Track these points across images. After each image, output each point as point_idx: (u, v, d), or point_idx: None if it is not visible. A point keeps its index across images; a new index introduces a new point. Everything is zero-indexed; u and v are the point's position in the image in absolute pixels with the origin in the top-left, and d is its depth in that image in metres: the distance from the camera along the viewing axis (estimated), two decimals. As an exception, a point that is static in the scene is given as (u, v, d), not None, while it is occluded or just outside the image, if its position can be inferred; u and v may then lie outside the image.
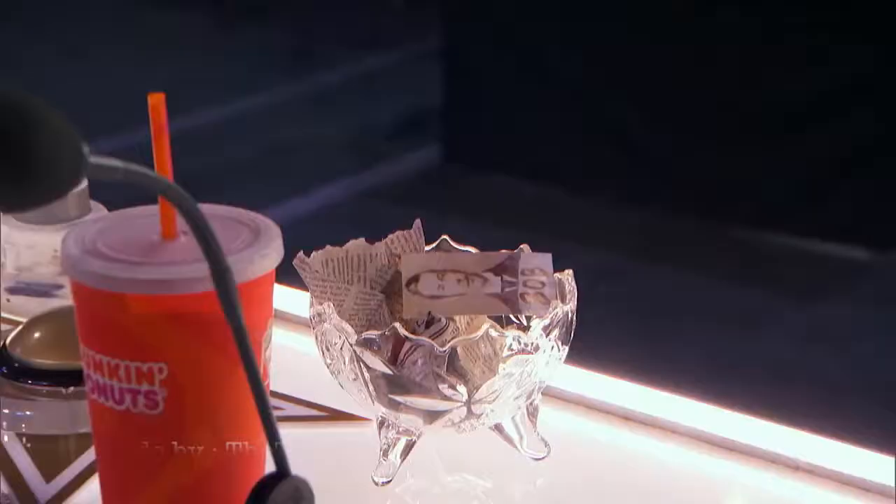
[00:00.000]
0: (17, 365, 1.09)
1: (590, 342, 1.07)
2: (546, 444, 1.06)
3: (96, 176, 0.71)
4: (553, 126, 3.71)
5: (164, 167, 0.88)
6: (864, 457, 1.08)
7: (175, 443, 0.88)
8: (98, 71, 3.88)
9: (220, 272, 0.76)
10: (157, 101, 0.87)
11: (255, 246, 0.87)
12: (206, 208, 0.77)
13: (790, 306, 3.30)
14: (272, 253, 0.88)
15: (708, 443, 1.11)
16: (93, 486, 1.02)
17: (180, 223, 0.88)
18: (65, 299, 1.18)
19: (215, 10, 4.60)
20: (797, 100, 3.55)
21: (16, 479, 1.03)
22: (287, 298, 1.09)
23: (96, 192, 1.28)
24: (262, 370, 0.82)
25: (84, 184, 1.15)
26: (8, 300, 1.19)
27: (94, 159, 0.70)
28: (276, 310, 0.96)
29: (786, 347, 2.98)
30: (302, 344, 1.08)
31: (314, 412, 1.09)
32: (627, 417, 1.14)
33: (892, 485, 1.00)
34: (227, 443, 0.89)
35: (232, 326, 0.77)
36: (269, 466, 0.78)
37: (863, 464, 1.06)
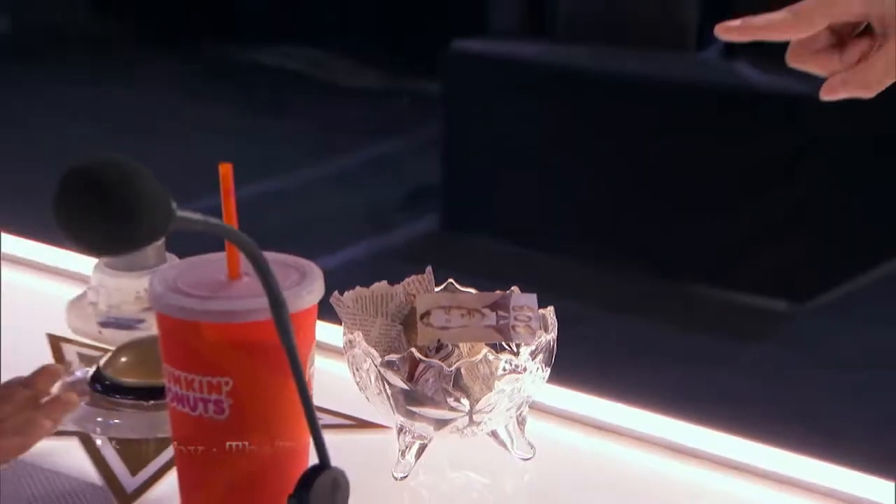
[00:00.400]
0: (108, 383, 1.09)
1: (566, 367, 1.08)
2: (532, 447, 1.06)
3: (182, 226, 0.72)
4: (530, 201, 3.71)
5: (231, 221, 0.88)
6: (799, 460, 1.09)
7: (236, 442, 0.89)
8: (165, 149, 3.90)
9: (277, 305, 0.76)
10: (226, 170, 0.88)
11: (303, 284, 0.88)
12: (265, 254, 0.78)
13: (728, 346, 3.30)
14: (316, 290, 0.90)
15: (662, 446, 1.11)
16: (168, 478, 1.02)
17: (243, 266, 0.89)
18: (145, 331, 1.18)
19: (259, 106, 4.61)
20: (732, 179, 3.56)
21: (108, 474, 1.03)
22: (323, 331, 1.10)
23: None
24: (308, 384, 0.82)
25: (161, 239, 1.16)
26: (100, 332, 1.19)
27: (180, 213, 0.71)
28: (316, 339, 0.96)
29: (727, 377, 2.98)
30: (335, 367, 1.07)
31: (346, 421, 1.09)
32: (599, 427, 1.13)
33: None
34: (278, 442, 0.89)
35: (285, 348, 0.78)
36: (310, 462, 0.78)
37: (796, 465, 1.07)
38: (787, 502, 1.07)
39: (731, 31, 1.00)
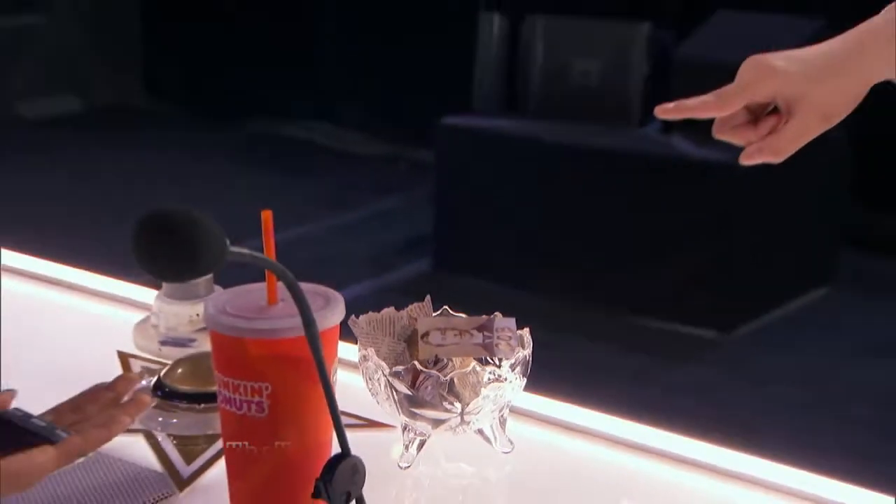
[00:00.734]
0: (167, 390, 1.09)
1: (538, 378, 1.08)
2: (511, 443, 1.06)
3: (233, 259, 0.73)
4: (506, 247, 3.70)
5: (270, 256, 0.87)
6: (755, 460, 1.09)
7: (273, 437, 0.89)
8: (213, 203, 3.86)
9: (309, 324, 0.77)
10: (267, 216, 0.89)
11: (328, 308, 0.89)
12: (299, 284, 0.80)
13: (663, 367, 3.30)
14: (339, 313, 0.90)
15: (614, 442, 1.11)
16: (217, 467, 1.02)
17: (279, 293, 0.89)
18: (196, 348, 1.19)
19: (288, 169, 4.60)
20: (671, 231, 3.55)
21: (167, 463, 1.04)
22: (341, 348, 1.10)
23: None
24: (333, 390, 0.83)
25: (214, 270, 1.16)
26: (160, 349, 1.20)
27: (232, 248, 0.73)
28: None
29: (666, 388, 2.97)
30: (351, 378, 1.08)
31: (360, 421, 1.09)
32: (565, 426, 1.13)
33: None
34: (308, 436, 0.89)
35: (314, 359, 0.79)
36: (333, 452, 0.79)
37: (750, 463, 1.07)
38: (713, 486, 1.06)
39: (668, 111, 1.01)
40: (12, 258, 1.49)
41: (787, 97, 1.00)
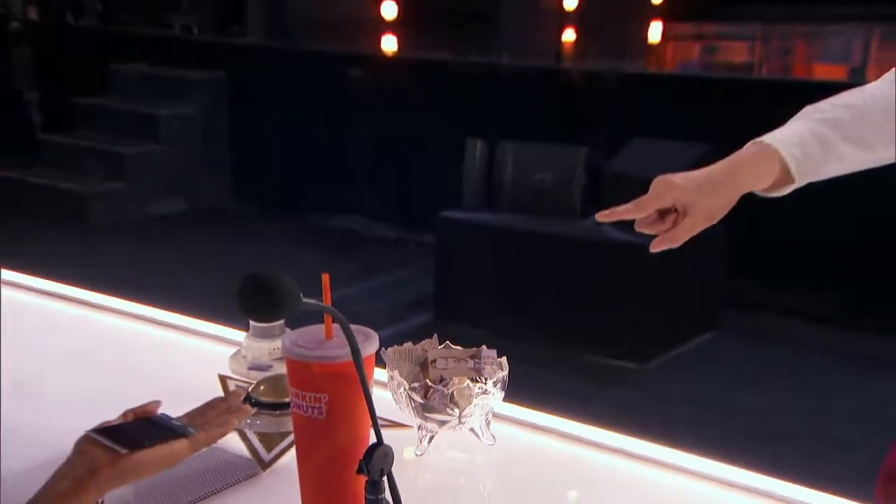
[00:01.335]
0: (253, 401, 1.09)
1: (513, 393, 1.08)
2: (494, 437, 1.06)
3: (305, 307, 0.75)
4: (489, 305, 3.71)
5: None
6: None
7: (329, 432, 0.88)
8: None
9: (355, 352, 0.78)
10: (326, 278, 0.89)
11: (367, 342, 0.88)
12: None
13: (590, 392, 3.27)
14: (374, 345, 0.90)
15: (567, 438, 1.12)
16: (288, 455, 1.03)
17: (333, 330, 0.89)
18: (273, 372, 1.17)
19: (333, 249, 4.60)
20: (602, 292, 3.57)
21: (254, 451, 1.04)
22: (375, 372, 1.10)
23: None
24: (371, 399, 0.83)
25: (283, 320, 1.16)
26: (249, 372, 1.19)
27: (305, 300, 0.74)
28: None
29: (596, 406, 2.96)
30: (382, 392, 1.07)
31: (388, 422, 1.08)
32: (533, 427, 1.14)
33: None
34: (353, 430, 0.88)
35: (359, 377, 0.80)
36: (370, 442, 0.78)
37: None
38: (633, 468, 1.06)
39: (605, 216, 1.02)
40: (145, 310, 1.49)
41: (683, 204, 1.02)
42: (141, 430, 0.86)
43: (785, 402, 3.13)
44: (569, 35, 6.72)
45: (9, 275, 1.61)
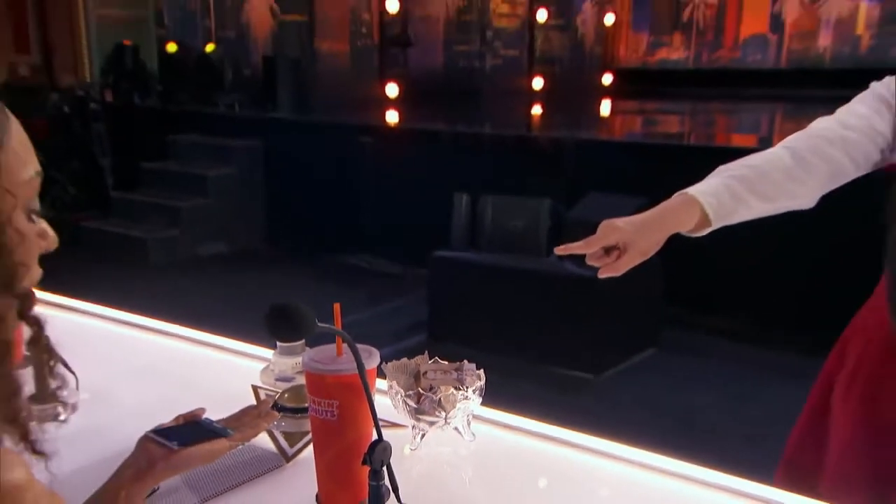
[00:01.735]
0: (279, 406, 1.08)
1: (489, 399, 1.08)
2: (474, 435, 1.06)
3: (319, 331, 0.76)
4: (473, 326, 3.65)
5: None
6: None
7: (340, 431, 0.87)
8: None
9: (360, 366, 0.78)
10: (337, 307, 0.89)
11: (370, 358, 0.88)
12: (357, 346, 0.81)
13: (553, 398, 3.24)
14: (376, 360, 0.90)
15: (533, 434, 1.11)
16: (307, 450, 1.02)
17: (344, 349, 0.88)
18: (295, 382, 1.16)
19: (347, 282, 4.60)
20: (562, 315, 3.57)
21: (279, 447, 1.03)
22: (377, 382, 1.10)
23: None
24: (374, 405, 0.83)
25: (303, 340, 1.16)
26: (276, 383, 1.18)
27: (319, 324, 0.75)
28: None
29: (556, 411, 2.92)
30: (382, 398, 1.04)
31: (387, 423, 1.05)
32: (506, 426, 1.13)
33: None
34: (359, 429, 0.87)
35: (364, 387, 0.80)
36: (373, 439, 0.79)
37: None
38: (590, 461, 1.05)
39: (561, 250, 1.04)
40: (193, 333, 1.48)
41: (623, 242, 1.04)
42: (189, 431, 0.86)
43: (711, 404, 3.11)
44: (537, 109, 6.80)
45: (86, 305, 1.61)
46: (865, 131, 1.04)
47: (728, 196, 1.04)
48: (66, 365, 1.12)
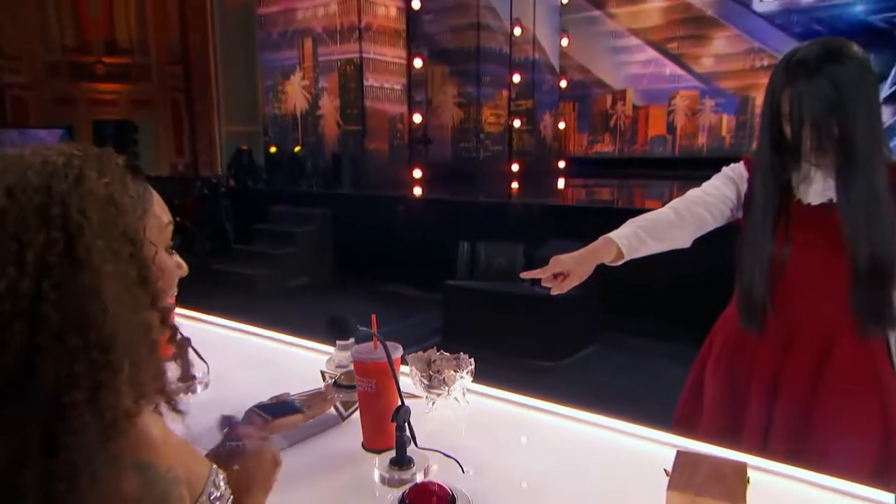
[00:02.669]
0: (338, 384, 1.03)
1: (478, 378, 1.07)
2: (468, 402, 1.04)
3: (363, 334, 0.75)
4: (472, 333, 3.62)
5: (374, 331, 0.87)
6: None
7: (377, 400, 0.86)
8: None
9: (389, 356, 0.79)
10: (374, 317, 0.87)
11: (396, 351, 0.88)
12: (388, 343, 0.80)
13: (526, 379, 3.12)
14: (399, 352, 0.89)
15: (513, 403, 1.07)
16: (356, 413, 0.97)
17: (378, 346, 0.86)
18: (348, 368, 1.07)
19: (381, 300, 4.54)
20: (530, 317, 3.55)
21: (337, 411, 1.00)
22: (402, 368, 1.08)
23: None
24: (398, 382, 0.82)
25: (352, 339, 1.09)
26: (336, 369, 1.13)
27: (361, 329, 0.75)
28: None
29: (531, 390, 2.87)
30: (405, 378, 1.01)
31: (408, 395, 0.99)
32: (491, 396, 1.09)
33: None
34: (389, 399, 0.86)
35: (391, 369, 0.81)
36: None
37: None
38: (563, 424, 0.99)
39: (526, 274, 1.03)
40: (283, 336, 1.45)
41: (566, 270, 1.03)
42: (279, 407, 0.84)
43: (638, 385, 3.05)
44: (514, 185, 6.84)
45: (214, 318, 1.62)
46: (719, 197, 1.07)
47: (635, 238, 1.05)
48: (199, 356, 1.14)
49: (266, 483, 0.66)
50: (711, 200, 1.06)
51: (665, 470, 0.72)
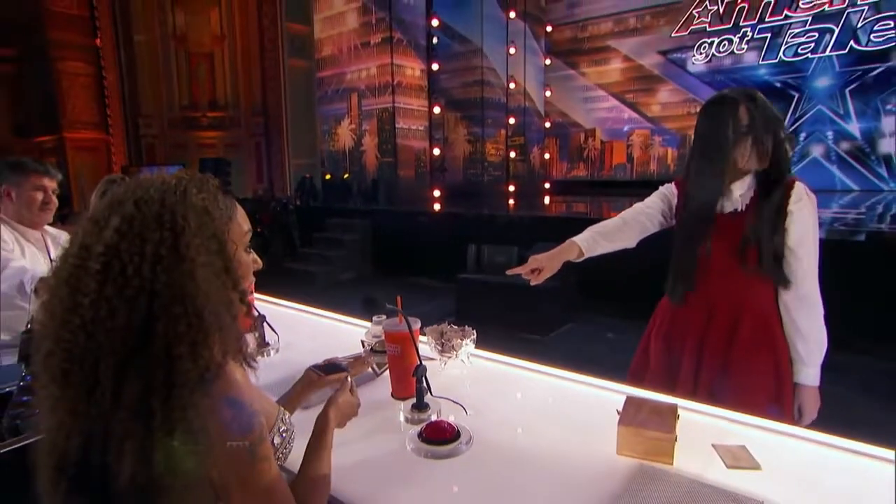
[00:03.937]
0: (374, 349, 1.01)
1: (480, 344, 1.06)
2: (472, 363, 1.03)
3: (391, 310, 0.74)
4: (479, 314, 3.54)
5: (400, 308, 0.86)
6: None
7: (402, 361, 0.85)
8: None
9: (409, 328, 0.79)
10: (399, 299, 0.86)
11: (415, 324, 0.87)
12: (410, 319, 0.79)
13: (520, 347, 3.02)
14: (418, 324, 0.90)
15: (512, 365, 1.05)
16: (387, 372, 0.96)
17: (403, 320, 0.85)
18: (381, 338, 1.03)
19: (412, 290, 4.41)
20: (521, 302, 3.45)
21: (373, 369, 0.97)
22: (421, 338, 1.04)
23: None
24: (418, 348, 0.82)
25: (384, 316, 1.02)
26: (374, 338, 1.05)
27: (388, 306, 0.73)
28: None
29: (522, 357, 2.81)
30: (423, 345, 1.00)
31: (426, 357, 0.97)
32: (490, 360, 1.07)
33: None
34: (411, 360, 0.85)
35: (412, 338, 0.81)
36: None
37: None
38: (553, 381, 0.96)
39: (511, 271, 1.01)
40: (334, 315, 1.44)
41: (541, 266, 1.02)
42: (330, 367, 0.85)
43: (604, 353, 3.01)
44: (511, 202, 6.82)
45: (285, 302, 1.62)
46: (656, 209, 1.09)
47: (592, 240, 1.06)
48: (272, 329, 1.17)
49: (350, 411, 0.69)
50: (650, 211, 1.09)
51: (617, 410, 0.75)
